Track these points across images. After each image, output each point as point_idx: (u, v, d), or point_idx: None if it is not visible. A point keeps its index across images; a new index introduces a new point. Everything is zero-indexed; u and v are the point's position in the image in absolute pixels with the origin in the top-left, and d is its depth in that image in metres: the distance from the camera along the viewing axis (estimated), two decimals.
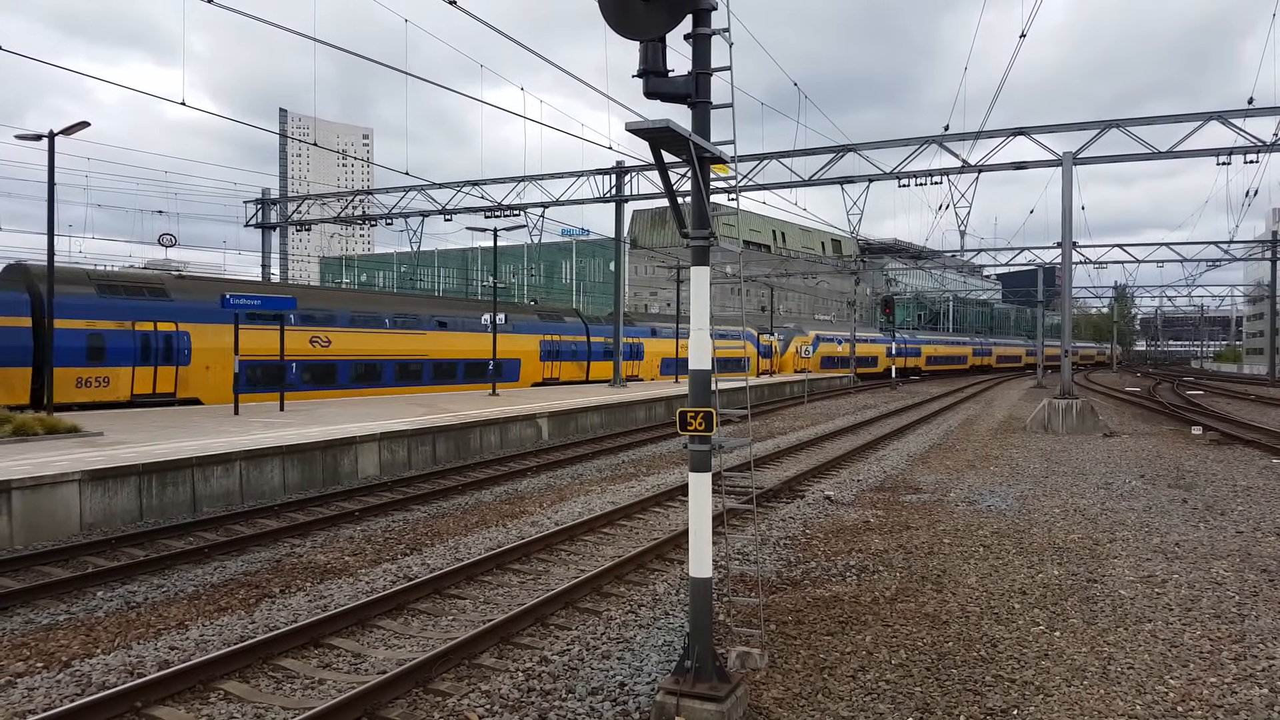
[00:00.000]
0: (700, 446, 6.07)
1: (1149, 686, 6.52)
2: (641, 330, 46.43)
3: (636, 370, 44.34)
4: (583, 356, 40.52)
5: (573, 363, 39.69)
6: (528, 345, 36.88)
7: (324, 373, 28.29)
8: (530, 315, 38.99)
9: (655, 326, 48.40)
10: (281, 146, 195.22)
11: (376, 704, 6.28)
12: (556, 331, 39.10)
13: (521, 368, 35.59)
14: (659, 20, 5.87)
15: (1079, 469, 17.83)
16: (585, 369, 40.72)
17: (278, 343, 22.68)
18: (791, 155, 30.44)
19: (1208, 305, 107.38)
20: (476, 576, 9.83)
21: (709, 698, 5.75)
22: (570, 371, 39.63)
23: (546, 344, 38.20)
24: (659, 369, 47.00)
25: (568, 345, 39.62)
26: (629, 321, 44.49)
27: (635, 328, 45.51)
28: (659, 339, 47.18)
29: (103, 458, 13.30)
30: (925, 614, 8.24)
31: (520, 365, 35.37)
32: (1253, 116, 25.30)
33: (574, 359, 39.86)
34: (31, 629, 8.21)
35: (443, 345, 32.59)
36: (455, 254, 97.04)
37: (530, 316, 38.83)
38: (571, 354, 39.73)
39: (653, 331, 47.23)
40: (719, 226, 6.42)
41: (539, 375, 37.50)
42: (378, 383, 29.78)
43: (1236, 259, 60.05)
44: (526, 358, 36.52)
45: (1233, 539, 11.36)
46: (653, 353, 46.45)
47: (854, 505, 13.95)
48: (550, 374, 38.24)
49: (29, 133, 18.69)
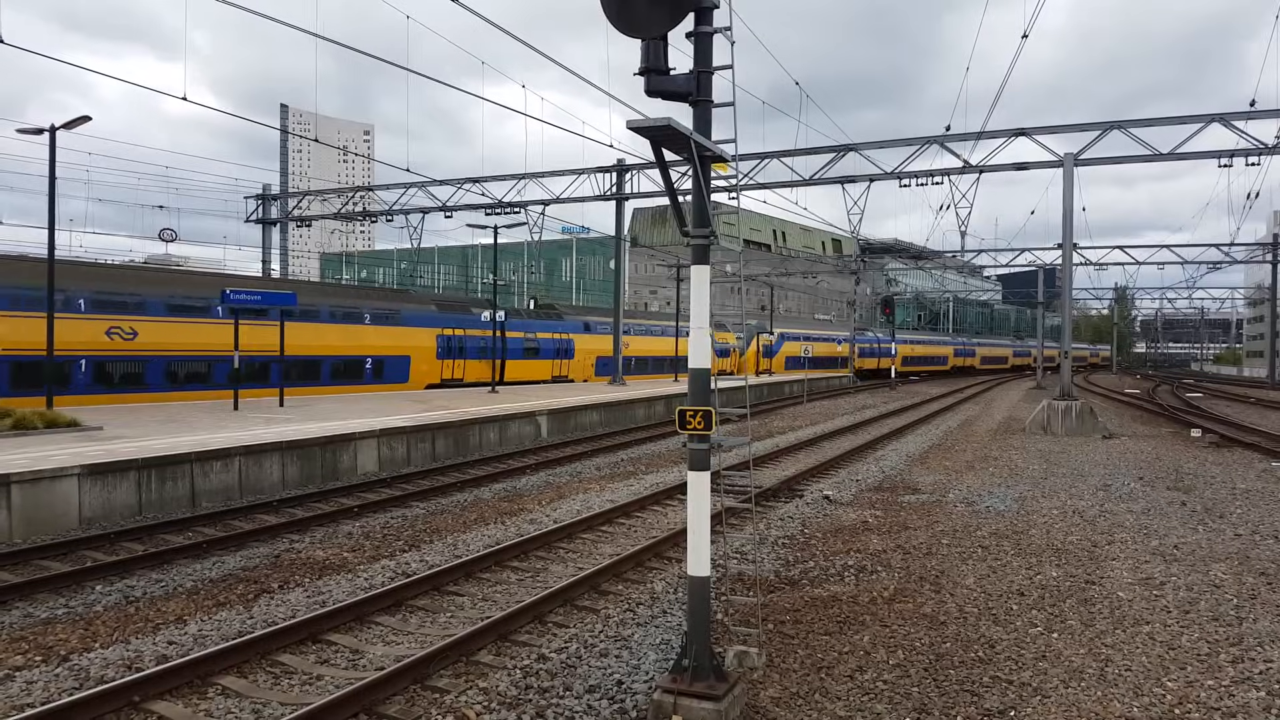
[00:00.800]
0: (699, 445, 6.07)
1: (1146, 688, 6.53)
2: (571, 325, 41.14)
3: (565, 370, 39.69)
4: (495, 354, 35.31)
5: (481, 361, 34.53)
6: (419, 340, 31.51)
7: (125, 372, 23.08)
8: (426, 305, 34.02)
9: (590, 321, 43.20)
10: (282, 142, 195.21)
11: (374, 700, 6.28)
12: (460, 325, 33.80)
13: (411, 366, 30.14)
14: (661, 18, 5.87)
15: (1078, 471, 17.84)
16: (498, 368, 35.09)
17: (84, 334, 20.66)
18: (792, 154, 30.43)
19: (1208, 307, 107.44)
20: (475, 573, 9.83)
21: (706, 696, 5.76)
22: (478, 371, 34.39)
23: (446, 339, 32.93)
24: (593, 368, 42.04)
25: (475, 341, 34.37)
26: (557, 315, 41.31)
27: (564, 322, 40.82)
28: (595, 335, 42.06)
29: (102, 452, 13.31)
30: (923, 614, 8.24)
31: (410, 364, 29.91)
32: (1254, 119, 25.30)
33: (483, 357, 34.70)
34: (30, 623, 8.21)
35: (300, 339, 26.29)
36: (456, 251, 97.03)
37: (426, 307, 33.73)
38: (480, 351, 34.58)
39: (586, 327, 42.24)
40: (719, 225, 6.41)
41: (435, 375, 32.61)
42: (204, 384, 24.35)
43: (1237, 261, 60.12)
44: (419, 355, 31.37)
45: (1231, 542, 11.36)
46: (586, 350, 41.62)
47: (853, 505, 13.96)
48: (452, 374, 33.38)
49: (30, 127, 18.68)
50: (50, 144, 18.19)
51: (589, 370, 41.90)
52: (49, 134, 18.16)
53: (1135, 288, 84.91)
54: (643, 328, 48.15)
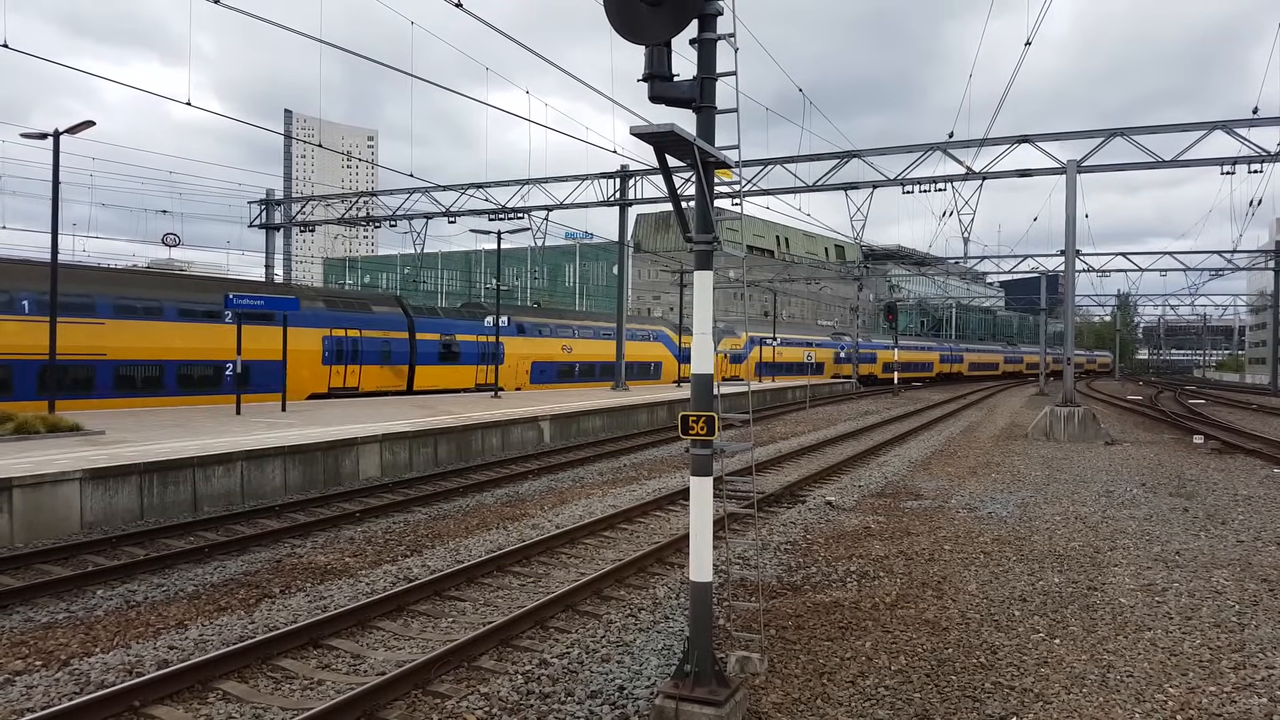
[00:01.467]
0: (702, 451, 6.07)
1: (1148, 695, 6.51)
2: (502, 328, 35.25)
3: (492, 377, 34.30)
4: (401, 359, 31.33)
5: (383, 367, 30.50)
6: (301, 343, 26.54)
7: None
8: (313, 302, 28.92)
9: (526, 322, 38.49)
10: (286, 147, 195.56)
11: (375, 705, 6.27)
12: (354, 325, 29.49)
13: (288, 373, 24.92)
14: (664, 25, 5.89)
15: (1080, 477, 17.81)
16: (406, 375, 31.66)
17: None
18: (796, 161, 30.46)
19: (1210, 314, 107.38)
20: (476, 579, 9.83)
21: (708, 702, 5.75)
22: (379, 379, 30.37)
23: (336, 341, 28.68)
24: (528, 375, 37.58)
25: (374, 344, 30.12)
26: (477, 317, 35.99)
27: (488, 325, 35.03)
28: (531, 338, 37.94)
29: (104, 456, 13.32)
30: (925, 620, 8.23)
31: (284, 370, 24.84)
32: (1257, 126, 25.31)
33: (385, 362, 30.61)
34: (31, 627, 8.21)
35: (137, 340, 23.09)
36: (459, 256, 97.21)
37: (313, 304, 28.64)
38: (381, 355, 30.46)
39: (520, 329, 37.48)
40: (723, 231, 6.42)
41: (322, 384, 28.22)
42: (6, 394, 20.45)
43: (1240, 268, 60.03)
44: (299, 360, 26.40)
45: (1233, 548, 11.34)
46: (519, 355, 36.98)
47: (855, 511, 13.94)
48: (343, 381, 28.93)
49: (34, 131, 18.75)
50: (54, 149, 18.26)
51: (522, 377, 37.23)
52: (53, 139, 18.22)
53: (1138, 294, 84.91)
54: (590, 330, 42.80)
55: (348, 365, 29.20)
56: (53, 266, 18.58)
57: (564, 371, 39.93)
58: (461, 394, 32.66)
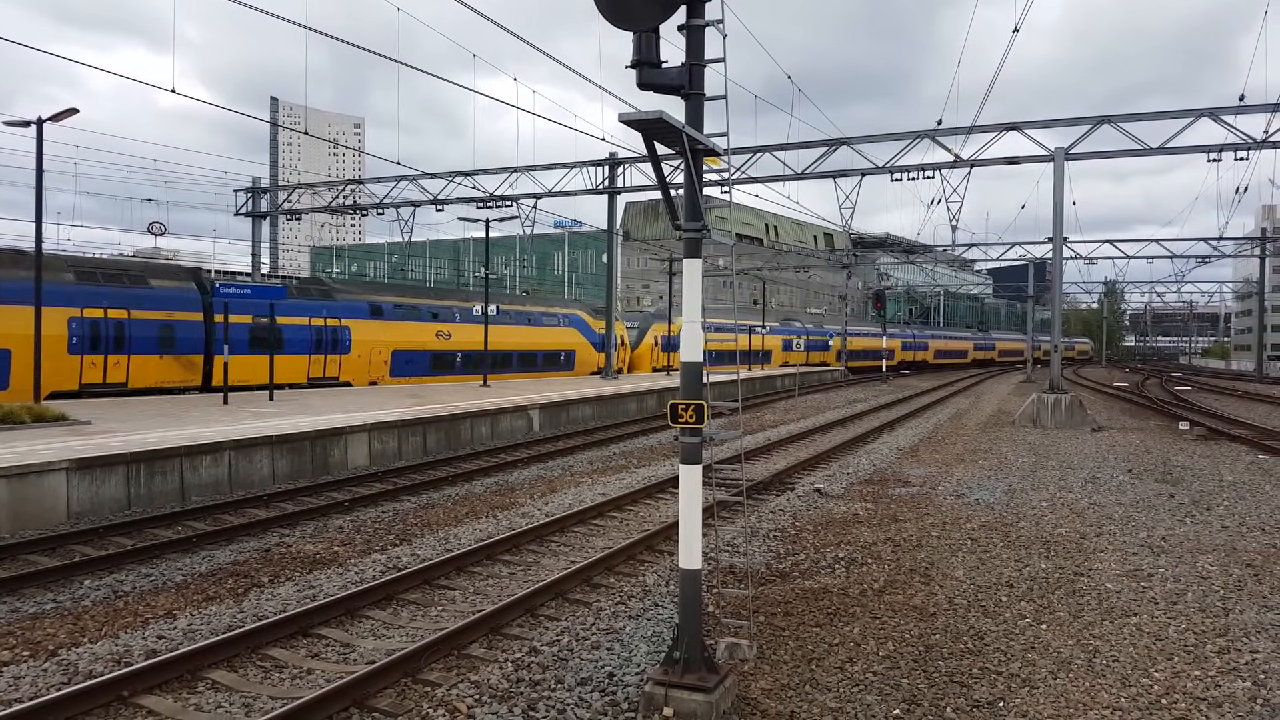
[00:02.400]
0: (691, 439, 6.08)
1: (1134, 679, 6.57)
2: (346, 308, 29.74)
3: (334, 369, 29.35)
4: (193, 346, 25.46)
5: (165, 357, 24.82)
6: (22, 326, 20.74)
7: None
8: (59, 273, 23.03)
9: (385, 302, 32.00)
10: (272, 135, 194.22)
11: (365, 694, 6.27)
12: (120, 303, 23.85)
13: (12, 364, 20.90)
14: (653, 11, 5.85)
15: (1067, 463, 17.93)
16: (200, 366, 25.81)
17: None
18: (785, 148, 30.41)
19: (1197, 301, 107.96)
20: (466, 567, 9.83)
21: (697, 688, 5.77)
22: (159, 372, 24.71)
23: (91, 325, 23.13)
24: (387, 366, 31.39)
25: (149, 328, 24.40)
26: (324, 293, 30.28)
27: (335, 303, 29.44)
28: (391, 322, 31.67)
29: (91, 446, 13.24)
30: (913, 606, 8.28)
31: (10, 359, 20.81)
32: (1244, 113, 25.40)
33: (168, 350, 24.88)
34: (18, 618, 8.17)
35: None
36: (447, 245, 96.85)
37: (59, 275, 22.90)
38: (161, 342, 24.71)
39: (375, 310, 31.17)
40: (712, 219, 6.41)
41: (69, 378, 22.64)
42: None
43: (1226, 255, 60.33)
44: (22, 346, 20.74)
45: (1218, 533, 11.44)
46: (372, 342, 30.75)
47: (843, 498, 14.00)
48: (102, 376, 23.44)
49: (18, 119, 18.54)
50: (37, 136, 18.07)
51: (380, 369, 31.11)
52: (36, 126, 18.02)
53: (1125, 282, 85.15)
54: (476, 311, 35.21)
55: (109, 354, 23.60)
56: (37, 255, 18.40)
57: (441, 362, 33.42)
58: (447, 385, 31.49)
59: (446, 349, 33.91)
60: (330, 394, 25.04)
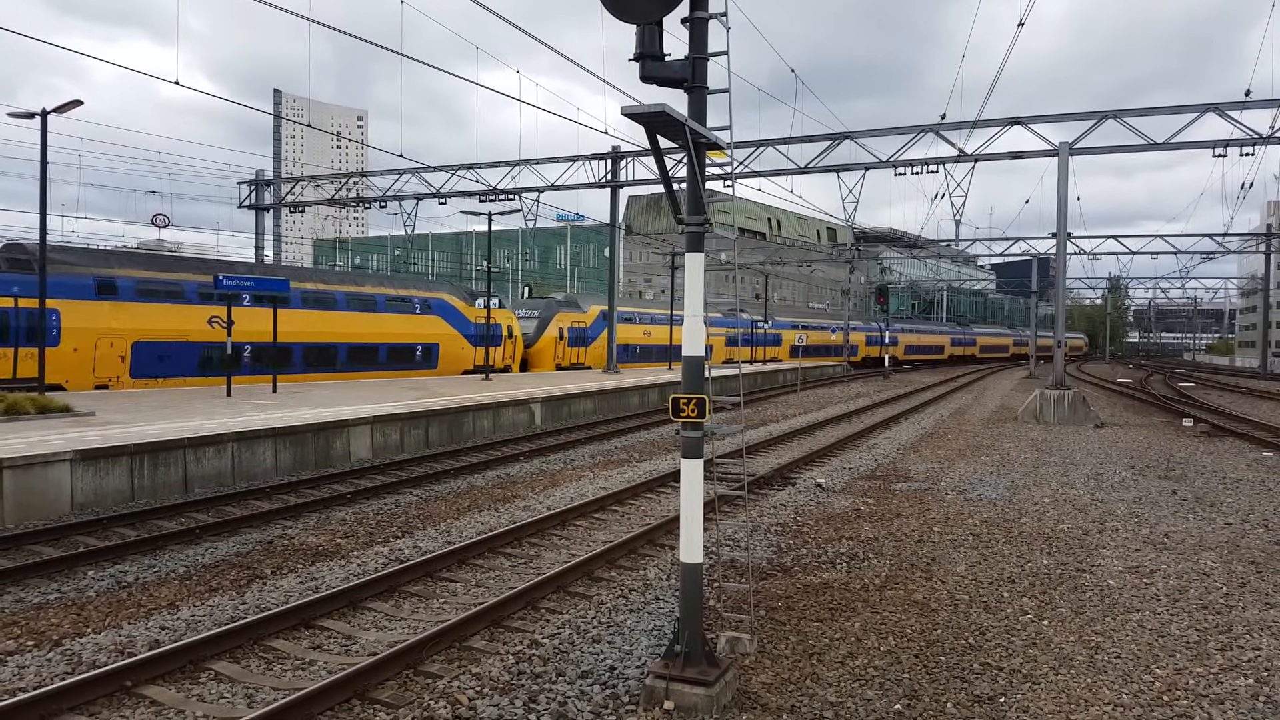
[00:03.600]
0: (693, 433, 6.07)
1: (1135, 676, 6.57)
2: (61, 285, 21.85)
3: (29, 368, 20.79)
4: None
5: None
6: None
7: None
8: None
9: (122, 278, 23.84)
10: (275, 128, 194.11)
11: (367, 685, 6.29)
12: None
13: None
14: (656, 3, 5.82)
15: (1069, 459, 17.91)
16: None
17: None
18: (788, 142, 30.38)
19: (1201, 298, 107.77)
20: (468, 560, 9.84)
21: (698, 682, 5.78)
22: None
23: None
24: (126, 364, 23.62)
25: None
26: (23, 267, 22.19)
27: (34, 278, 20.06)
28: (130, 303, 23.66)
29: (95, 437, 13.27)
30: (914, 601, 8.28)
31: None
32: (1249, 109, 25.33)
33: None
34: (22, 608, 8.20)
35: None
36: (449, 238, 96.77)
37: None
38: None
39: (105, 288, 23.26)
40: (714, 213, 6.40)
41: None
42: None
43: (1230, 251, 60.27)
44: None
45: (1221, 530, 11.43)
46: (95, 331, 22.91)
47: (845, 493, 14.00)
48: None
49: (22, 111, 18.52)
50: (41, 128, 18.05)
51: (113, 367, 23.20)
52: (40, 118, 18.01)
53: (1129, 277, 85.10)
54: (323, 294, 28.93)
55: None
56: (41, 248, 18.42)
57: (212, 360, 25.01)
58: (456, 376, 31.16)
59: (226, 341, 22.18)
60: (333, 387, 25.04)
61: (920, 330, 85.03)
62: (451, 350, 33.83)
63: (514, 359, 37.20)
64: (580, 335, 40.76)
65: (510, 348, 36.70)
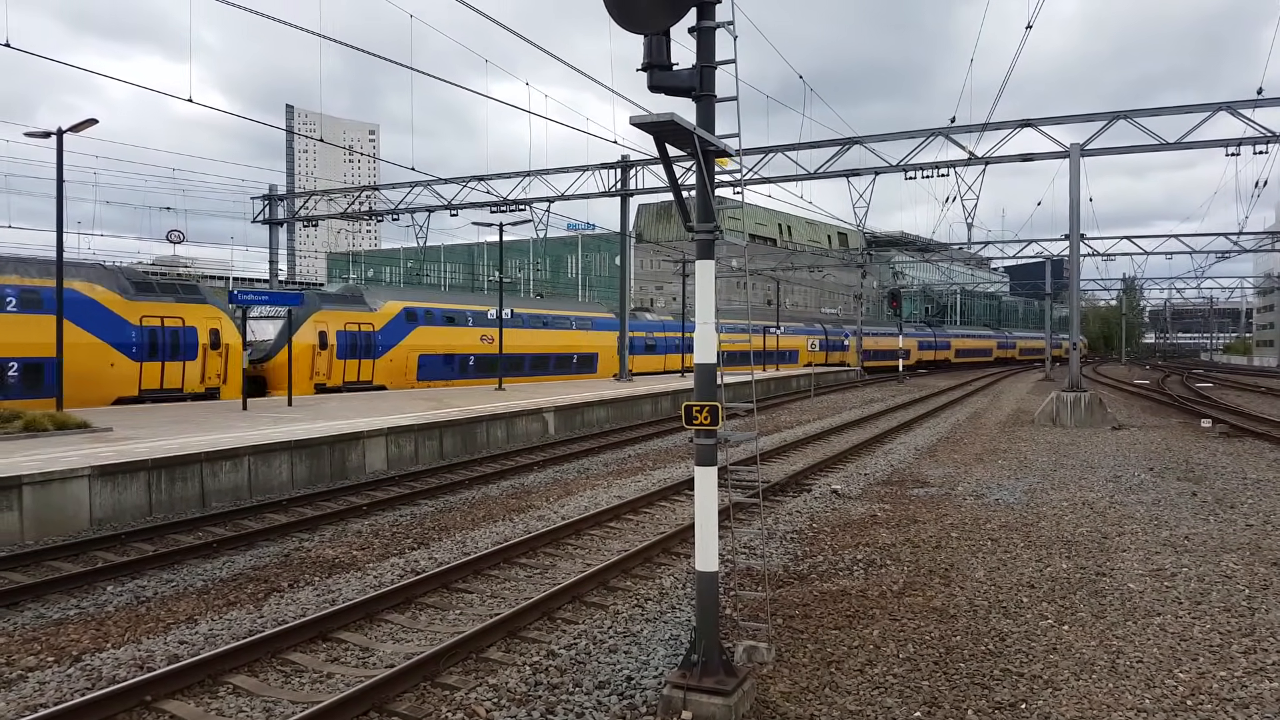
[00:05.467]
0: (706, 440, 6.06)
1: (1158, 680, 6.50)
2: None
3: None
4: None
5: None
6: None
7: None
8: None
9: None
10: (288, 143, 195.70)
11: (384, 698, 6.29)
12: None
13: None
14: (663, 13, 5.85)
15: (1087, 462, 17.77)
16: None
17: None
18: (797, 148, 30.34)
19: (1217, 297, 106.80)
20: (483, 570, 9.85)
21: (716, 691, 5.75)
22: None
23: None
24: None
25: None
26: None
27: None
28: None
29: (112, 453, 13.36)
30: (933, 608, 8.23)
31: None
32: (1262, 107, 25.12)
33: None
34: (42, 623, 8.25)
35: None
36: (461, 249, 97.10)
37: None
38: None
39: None
40: (724, 220, 6.40)
41: None
42: None
43: (1246, 250, 59.68)
44: None
45: (1243, 532, 11.30)
46: None
47: (861, 499, 13.93)
48: None
49: (38, 130, 18.75)
50: (58, 147, 18.26)
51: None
52: (56, 137, 18.22)
53: (1144, 278, 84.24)
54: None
55: None
56: (58, 265, 18.59)
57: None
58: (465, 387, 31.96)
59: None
60: (348, 398, 25.16)
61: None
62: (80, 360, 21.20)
63: (220, 375, 25.04)
64: (362, 342, 29.34)
65: (214, 362, 24.83)
